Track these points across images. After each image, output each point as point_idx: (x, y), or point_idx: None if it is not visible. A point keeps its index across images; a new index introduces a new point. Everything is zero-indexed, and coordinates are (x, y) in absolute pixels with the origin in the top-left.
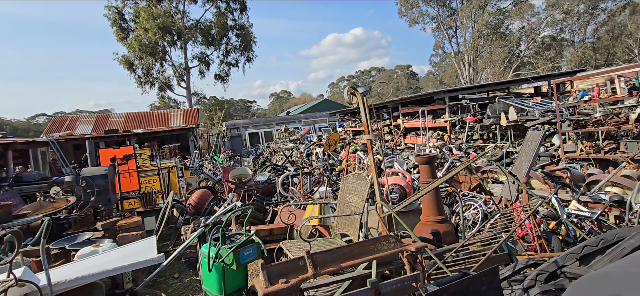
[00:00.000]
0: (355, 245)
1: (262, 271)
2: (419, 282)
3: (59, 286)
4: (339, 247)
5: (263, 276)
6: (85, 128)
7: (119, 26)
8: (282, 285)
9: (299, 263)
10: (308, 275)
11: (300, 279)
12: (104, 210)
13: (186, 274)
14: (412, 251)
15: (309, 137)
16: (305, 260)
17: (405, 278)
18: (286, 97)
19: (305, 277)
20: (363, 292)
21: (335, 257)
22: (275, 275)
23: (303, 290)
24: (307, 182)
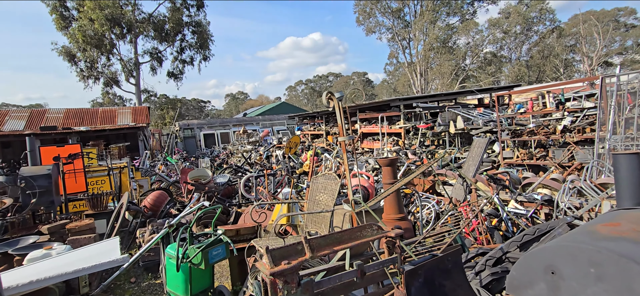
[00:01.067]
0: (345, 231)
1: (267, 254)
2: (397, 263)
3: (10, 291)
4: (331, 233)
5: (268, 259)
6: (17, 124)
7: (60, 14)
8: (285, 265)
9: (298, 247)
10: (306, 257)
11: (300, 261)
12: (43, 213)
13: (144, 278)
14: (392, 237)
15: (268, 140)
16: (303, 244)
17: (386, 261)
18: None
19: (304, 259)
20: (350, 273)
21: (329, 242)
22: (278, 258)
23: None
24: (271, 183)
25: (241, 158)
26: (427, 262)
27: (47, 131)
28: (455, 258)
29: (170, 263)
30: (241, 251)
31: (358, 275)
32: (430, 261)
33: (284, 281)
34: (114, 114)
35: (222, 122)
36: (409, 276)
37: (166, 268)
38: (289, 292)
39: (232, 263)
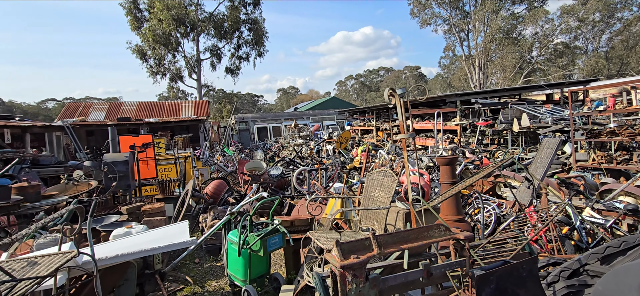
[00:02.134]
0: (412, 230)
1: (337, 247)
2: (465, 267)
3: (101, 262)
4: (398, 232)
5: (337, 252)
6: (98, 115)
7: (134, 16)
8: (354, 259)
9: (366, 243)
10: (374, 253)
11: (368, 256)
12: (121, 195)
13: (206, 260)
14: (461, 240)
15: (319, 134)
16: (371, 240)
17: (453, 263)
18: (293, 93)
19: (372, 255)
20: (417, 272)
21: (396, 240)
22: (347, 251)
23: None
24: (323, 177)
25: (292, 151)
26: (500, 268)
27: (122, 122)
28: (531, 267)
29: (232, 248)
30: (296, 241)
31: (424, 275)
32: (503, 268)
33: (353, 275)
34: (179, 107)
35: (274, 116)
36: (480, 282)
37: (228, 252)
38: (357, 285)
39: (287, 252)
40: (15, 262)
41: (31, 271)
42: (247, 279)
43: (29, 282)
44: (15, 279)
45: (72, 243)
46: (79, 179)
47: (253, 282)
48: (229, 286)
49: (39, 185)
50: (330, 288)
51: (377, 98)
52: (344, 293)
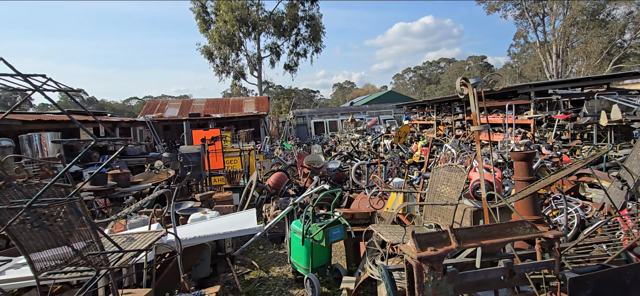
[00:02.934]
0: (494, 226)
1: (413, 238)
2: (553, 269)
3: (183, 243)
4: (479, 227)
5: (414, 243)
6: (173, 111)
7: (202, 19)
8: (431, 251)
9: (443, 236)
10: (452, 247)
11: (446, 249)
12: (194, 184)
13: (270, 247)
14: (550, 239)
15: (376, 128)
16: (448, 233)
17: (540, 263)
18: (349, 87)
19: (450, 248)
20: (498, 270)
21: (477, 235)
22: (424, 243)
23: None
24: (383, 172)
25: (349, 145)
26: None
27: (193, 117)
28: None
29: (295, 237)
30: (356, 234)
31: (506, 273)
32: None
33: (430, 267)
34: (242, 103)
35: (331, 111)
36: (574, 286)
37: (291, 241)
38: (434, 278)
39: (347, 244)
40: (117, 237)
41: (130, 245)
42: (310, 268)
43: (132, 253)
44: (122, 250)
45: (159, 224)
46: (160, 168)
47: (315, 271)
48: (291, 273)
49: (128, 172)
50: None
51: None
52: (420, 285)
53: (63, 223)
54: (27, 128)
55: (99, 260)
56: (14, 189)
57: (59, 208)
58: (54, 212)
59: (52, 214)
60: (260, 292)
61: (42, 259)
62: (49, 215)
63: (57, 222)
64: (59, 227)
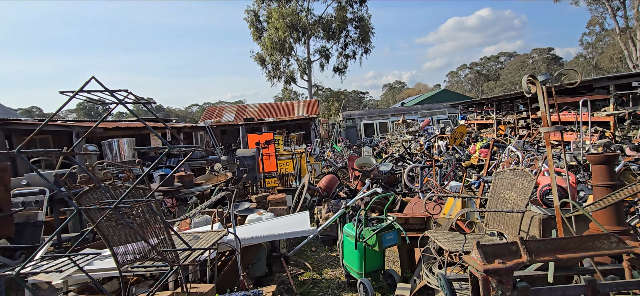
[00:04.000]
0: (572, 238)
1: (478, 249)
2: None
3: (244, 242)
4: (554, 239)
5: (479, 254)
6: (229, 116)
7: (255, 27)
8: (499, 264)
9: (512, 248)
10: (523, 260)
11: (516, 262)
12: (249, 186)
13: (322, 249)
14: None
15: (429, 129)
16: (518, 245)
17: (629, 282)
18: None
19: (521, 262)
20: (577, 288)
21: (551, 248)
22: (490, 255)
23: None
24: (438, 174)
25: (400, 147)
26: None
27: (248, 122)
28: None
29: (348, 241)
30: (411, 239)
31: (588, 292)
32: None
33: (498, 281)
34: (292, 107)
35: (381, 112)
36: None
37: (343, 244)
38: (503, 293)
39: (401, 250)
40: (184, 235)
41: (197, 243)
42: (363, 272)
43: (199, 251)
44: (190, 248)
45: (220, 223)
46: (219, 171)
47: (368, 276)
48: (344, 276)
49: (191, 175)
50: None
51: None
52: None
53: (141, 221)
54: (108, 134)
55: (172, 256)
56: (102, 190)
57: (138, 208)
58: (134, 211)
59: (133, 213)
60: (314, 294)
61: (123, 253)
62: (129, 214)
63: (136, 220)
64: (138, 225)
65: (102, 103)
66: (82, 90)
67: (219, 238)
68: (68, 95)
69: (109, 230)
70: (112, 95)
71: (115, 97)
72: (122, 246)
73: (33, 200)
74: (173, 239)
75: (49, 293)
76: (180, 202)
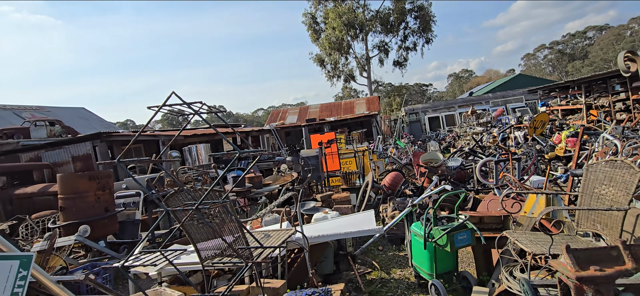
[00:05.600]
0: None
1: (568, 253)
2: None
3: (311, 241)
4: None
5: (570, 259)
6: (292, 118)
7: (313, 29)
8: (595, 272)
9: (612, 253)
10: (627, 267)
11: (618, 270)
12: (314, 185)
13: (389, 248)
14: None
15: (503, 119)
16: (620, 250)
17: None
18: (466, 76)
19: (624, 269)
20: None
21: None
22: (583, 260)
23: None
24: (516, 168)
25: (470, 140)
26: None
27: (310, 122)
28: None
29: (416, 240)
30: (487, 240)
31: None
32: None
33: (596, 291)
34: (353, 105)
35: (447, 104)
36: None
37: (412, 244)
38: None
39: (476, 250)
40: (256, 233)
41: (268, 241)
42: (434, 273)
43: (270, 249)
44: (262, 246)
45: (288, 222)
46: (285, 171)
47: (440, 277)
48: (414, 277)
49: (260, 176)
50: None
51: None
52: None
53: (218, 220)
54: (188, 141)
55: (246, 253)
56: (185, 193)
57: (216, 208)
58: (212, 211)
59: (211, 213)
60: (382, 293)
61: (205, 249)
62: (208, 214)
63: (214, 220)
64: (216, 224)
65: (182, 114)
66: (165, 105)
67: (287, 236)
68: (154, 110)
69: (192, 228)
70: (189, 106)
71: (192, 108)
72: (204, 243)
73: (131, 201)
74: (246, 237)
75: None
76: (251, 202)
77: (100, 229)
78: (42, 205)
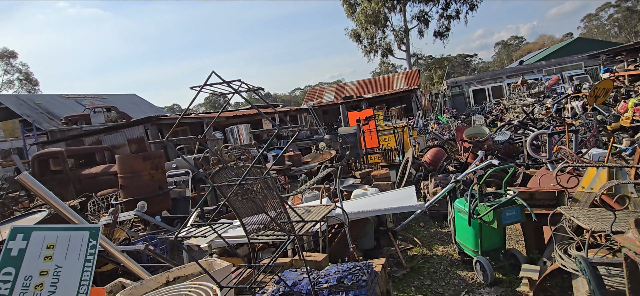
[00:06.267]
0: None
1: (638, 228)
2: None
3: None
4: None
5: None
6: (329, 97)
7: (348, 3)
8: None
9: None
10: None
11: None
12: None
13: (431, 225)
14: None
15: (559, 89)
16: None
17: None
18: (516, 44)
19: None
20: None
21: None
22: None
23: None
24: (572, 141)
25: (520, 113)
26: None
27: (346, 100)
28: None
29: (460, 217)
30: (539, 217)
31: None
32: None
33: None
34: (391, 80)
35: (493, 75)
36: None
37: (455, 220)
38: None
39: (526, 228)
40: (298, 209)
41: (309, 216)
42: (479, 250)
43: (311, 223)
44: (304, 220)
45: (328, 198)
46: (323, 149)
47: (485, 254)
48: (457, 253)
49: (299, 154)
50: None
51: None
52: None
53: (261, 196)
54: (229, 122)
55: (288, 227)
56: (229, 170)
57: (258, 184)
58: (255, 187)
59: (254, 189)
60: (425, 269)
61: (250, 223)
62: (251, 190)
63: (257, 195)
64: (259, 199)
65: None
66: (206, 84)
67: (327, 211)
68: (196, 90)
69: (237, 203)
70: (229, 85)
71: (231, 87)
72: (249, 218)
73: (181, 180)
74: (288, 212)
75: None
76: (291, 179)
77: (156, 205)
78: (105, 184)
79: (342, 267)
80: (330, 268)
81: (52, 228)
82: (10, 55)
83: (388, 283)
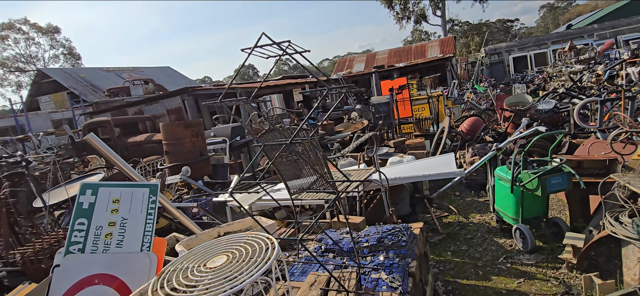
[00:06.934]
0: None
1: None
2: None
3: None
4: None
5: None
6: (359, 66)
7: None
8: None
9: None
10: None
11: None
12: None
13: (467, 194)
14: None
15: (612, 54)
16: None
17: None
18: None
19: None
20: None
21: None
22: None
23: None
24: (628, 108)
25: (567, 81)
26: None
27: (377, 70)
28: None
29: (500, 184)
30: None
31: None
32: None
33: None
34: (425, 49)
35: (537, 41)
36: None
37: (495, 188)
38: None
39: (571, 196)
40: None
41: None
42: (519, 218)
43: (355, 183)
44: (348, 179)
45: (365, 164)
46: (355, 119)
47: (526, 222)
48: (495, 221)
49: (332, 123)
50: None
51: None
52: None
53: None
54: (261, 93)
55: (332, 187)
56: (276, 132)
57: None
58: (301, 148)
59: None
60: (461, 235)
61: (293, 186)
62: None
63: (302, 156)
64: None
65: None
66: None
67: (368, 174)
68: (247, 51)
69: (281, 165)
70: (278, 46)
71: (280, 47)
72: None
73: (219, 147)
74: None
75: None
76: (324, 149)
77: (197, 171)
78: (149, 151)
79: (381, 228)
80: (369, 229)
81: (116, 185)
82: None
83: (426, 245)
